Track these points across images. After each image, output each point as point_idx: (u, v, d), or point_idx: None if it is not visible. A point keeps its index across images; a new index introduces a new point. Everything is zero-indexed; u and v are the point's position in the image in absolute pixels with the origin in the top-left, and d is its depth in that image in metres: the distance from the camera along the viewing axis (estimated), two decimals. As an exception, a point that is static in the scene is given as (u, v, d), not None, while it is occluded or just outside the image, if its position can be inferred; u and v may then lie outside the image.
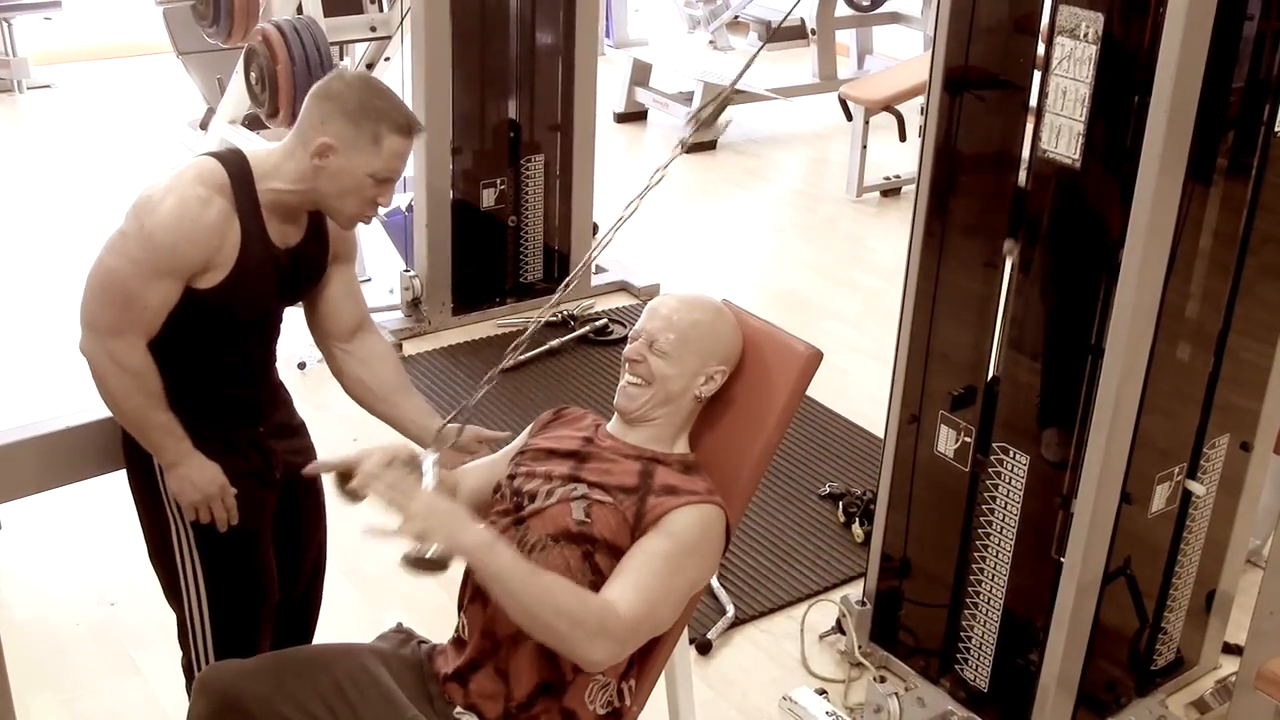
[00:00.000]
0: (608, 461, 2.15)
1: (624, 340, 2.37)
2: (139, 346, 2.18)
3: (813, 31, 7.51)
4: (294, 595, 2.53)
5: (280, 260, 2.27)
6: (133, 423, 2.24)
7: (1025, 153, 2.57)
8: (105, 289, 2.17)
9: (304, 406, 2.57)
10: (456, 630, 2.17)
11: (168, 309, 2.17)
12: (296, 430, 2.51)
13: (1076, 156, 2.43)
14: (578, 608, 1.91)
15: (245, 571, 2.39)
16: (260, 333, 2.37)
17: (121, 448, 2.33)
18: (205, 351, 2.27)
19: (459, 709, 2.07)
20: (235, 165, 2.20)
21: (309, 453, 2.48)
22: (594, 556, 2.04)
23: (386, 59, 5.37)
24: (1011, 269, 2.66)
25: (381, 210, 2.28)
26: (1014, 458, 2.69)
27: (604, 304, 5.03)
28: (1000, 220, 2.65)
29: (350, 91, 2.18)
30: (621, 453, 2.16)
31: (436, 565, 1.85)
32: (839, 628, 3.16)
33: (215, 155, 2.22)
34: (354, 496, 2.02)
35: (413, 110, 2.23)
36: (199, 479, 2.26)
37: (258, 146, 2.25)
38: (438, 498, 1.94)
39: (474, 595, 2.11)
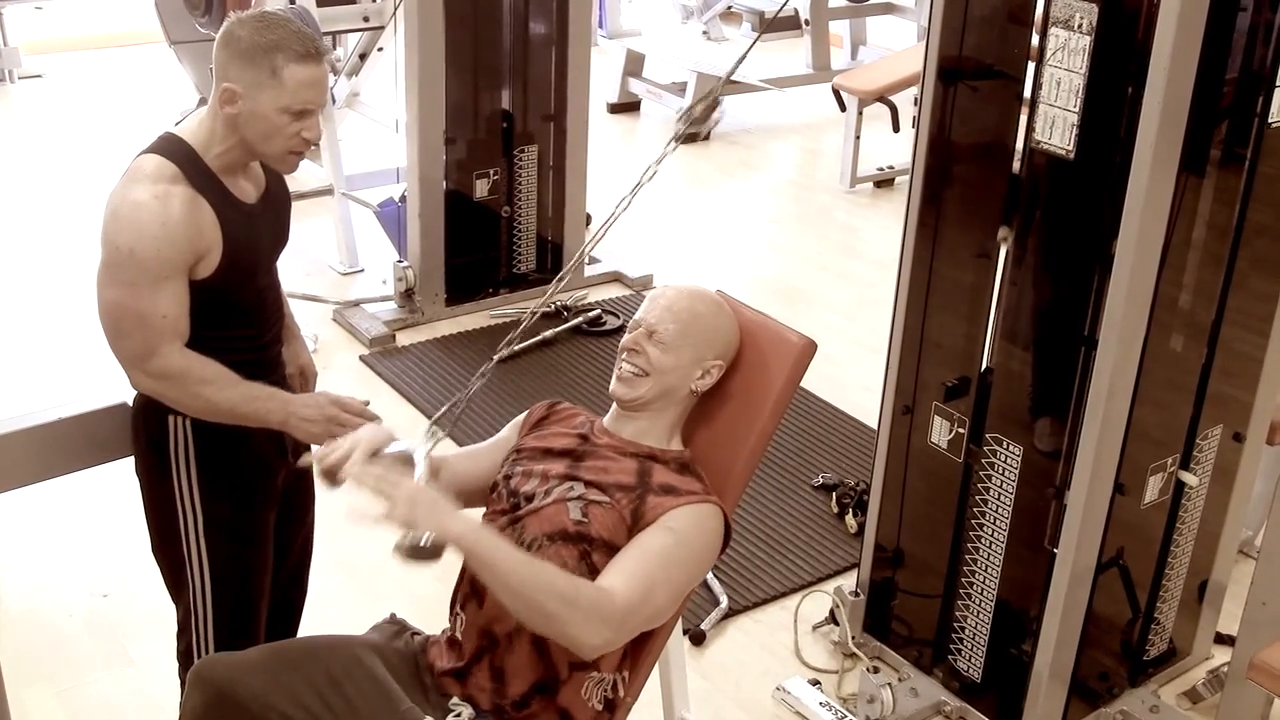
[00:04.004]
0: (605, 459, 2.14)
1: (617, 331, 2.36)
2: (173, 353, 2.15)
3: (806, 22, 7.50)
4: (280, 582, 2.51)
5: (258, 214, 2.26)
6: (218, 414, 2.21)
7: (1019, 144, 2.57)
8: (119, 321, 2.15)
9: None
10: (450, 630, 2.16)
11: (186, 307, 2.15)
12: None
13: (1070, 147, 2.43)
14: (570, 588, 1.91)
15: (250, 561, 2.38)
16: (268, 293, 2.36)
17: (125, 437, 2.31)
18: (222, 333, 2.25)
19: (455, 699, 2.07)
20: (176, 150, 2.16)
21: None
22: (591, 556, 2.04)
23: (379, 49, 5.36)
24: (1005, 257, 2.66)
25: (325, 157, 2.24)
26: (1007, 448, 2.69)
27: (597, 294, 5.02)
28: (994, 211, 2.65)
29: (244, 31, 2.13)
30: (619, 450, 2.16)
31: (430, 554, 1.83)
32: (832, 618, 3.17)
33: (153, 150, 2.17)
34: (333, 480, 2.01)
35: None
36: (311, 413, 2.23)
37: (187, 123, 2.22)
38: (422, 486, 1.95)
39: (470, 594, 2.11)
